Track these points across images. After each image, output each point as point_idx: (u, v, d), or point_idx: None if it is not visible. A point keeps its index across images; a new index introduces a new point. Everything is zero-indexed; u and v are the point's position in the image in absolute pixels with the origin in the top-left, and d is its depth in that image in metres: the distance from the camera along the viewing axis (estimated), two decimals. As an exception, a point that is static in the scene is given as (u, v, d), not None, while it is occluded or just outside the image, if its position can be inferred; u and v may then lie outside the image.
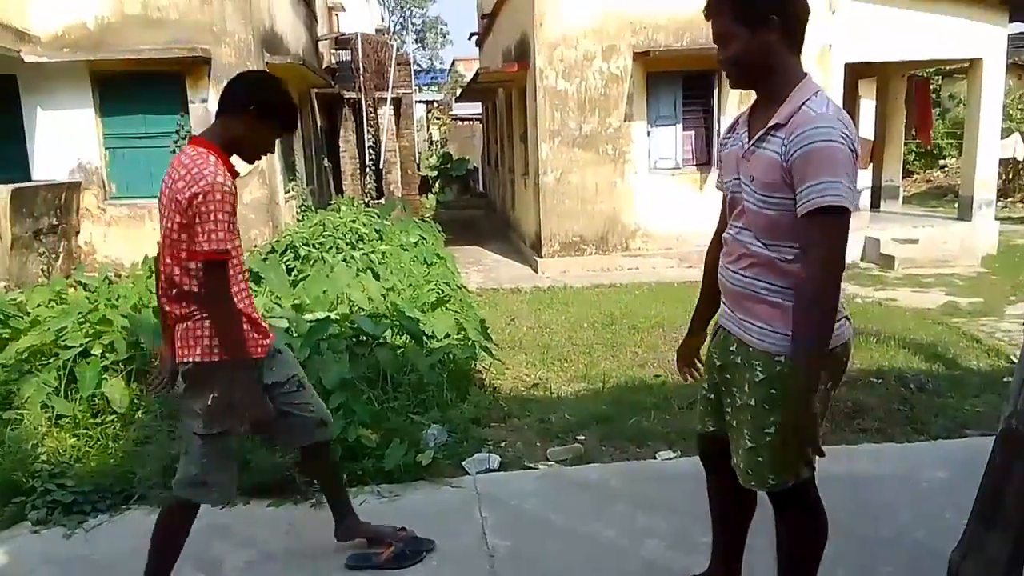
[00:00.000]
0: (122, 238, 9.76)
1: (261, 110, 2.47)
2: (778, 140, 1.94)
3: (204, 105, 9.56)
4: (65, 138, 9.53)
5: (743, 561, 2.61)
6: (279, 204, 10.34)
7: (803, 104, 1.94)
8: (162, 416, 4.02)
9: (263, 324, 2.55)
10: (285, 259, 7.59)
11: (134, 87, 9.55)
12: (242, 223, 9.59)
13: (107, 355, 4.37)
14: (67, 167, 9.66)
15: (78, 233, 9.75)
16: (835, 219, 1.86)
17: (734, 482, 2.23)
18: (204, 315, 2.37)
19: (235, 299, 2.39)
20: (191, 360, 2.38)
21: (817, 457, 2.09)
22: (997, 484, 1.88)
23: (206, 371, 2.38)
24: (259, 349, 2.49)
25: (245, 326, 2.41)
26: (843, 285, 1.91)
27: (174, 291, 2.42)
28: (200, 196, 2.26)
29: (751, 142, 2.05)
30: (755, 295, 2.06)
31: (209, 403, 2.38)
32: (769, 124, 1.98)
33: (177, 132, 9.63)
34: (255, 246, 9.23)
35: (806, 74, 2.04)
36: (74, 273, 8.11)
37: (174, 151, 9.60)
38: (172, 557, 2.61)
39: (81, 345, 4.37)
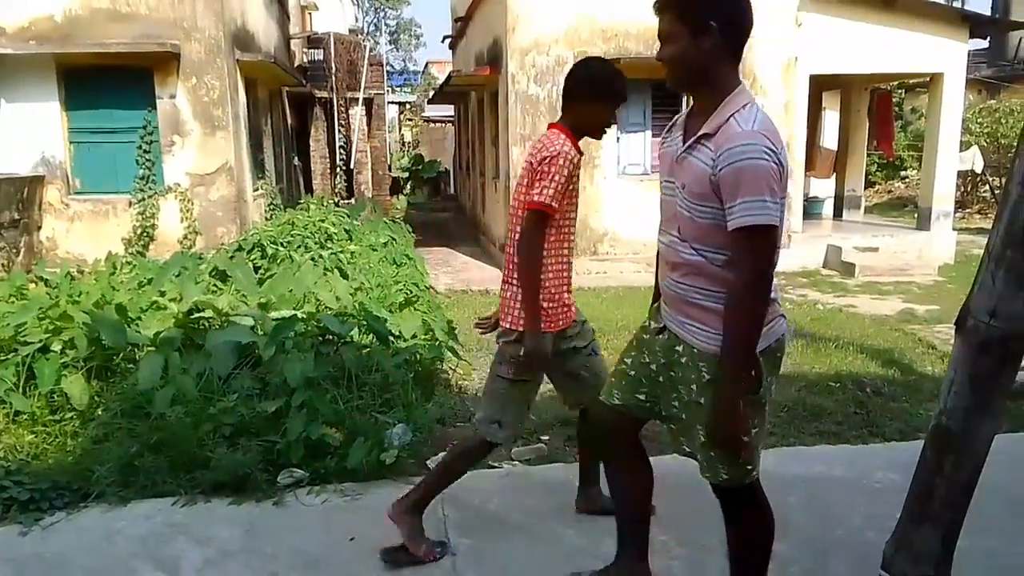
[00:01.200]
0: (86, 234, 9.61)
1: (594, 93, 2.80)
2: (708, 151, 1.99)
3: (172, 101, 9.46)
4: (29, 131, 9.37)
5: (698, 562, 2.66)
6: (247, 202, 10.26)
7: (731, 116, 1.97)
8: (121, 414, 3.98)
9: (567, 300, 2.95)
10: (252, 257, 7.54)
11: (101, 81, 9.41)
12: (209, 220, 9.52)
13: (67, 351, 4.32)
14: (30, 161, 9.50)
15: (40, 228, 9.58)
16: (761, 236, 1.94)
17: (625, 461, 2.57)
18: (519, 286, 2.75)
19: (549, 270, 2.79)
20: (504, 325, 2.85)
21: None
22: (927, 480, 1.95)
23: (514, 335, 2.81)
24: (556, 324, 2.85)
25: (547, 303, 2.77)
26: (804, 291, 1.97)
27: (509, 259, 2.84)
28: (548, 159, 2.63)
29: (684, 147, 2.11)
30: (693, 301, 2.14)
31: (512, 359, 2.81)
32: (699, 133, 2.03)
33: (144, 128, 9.52)
34: (222, 244, 9.16)
35: (740, 83, 2.05)
36: (35, 268, 7.98)
37: (140, 147, 9.51)
38: (445, 485, 3.01)
39: (40, 341, 4.32)
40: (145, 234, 9.56)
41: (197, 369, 4.17)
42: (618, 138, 10.50)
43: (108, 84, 9.44)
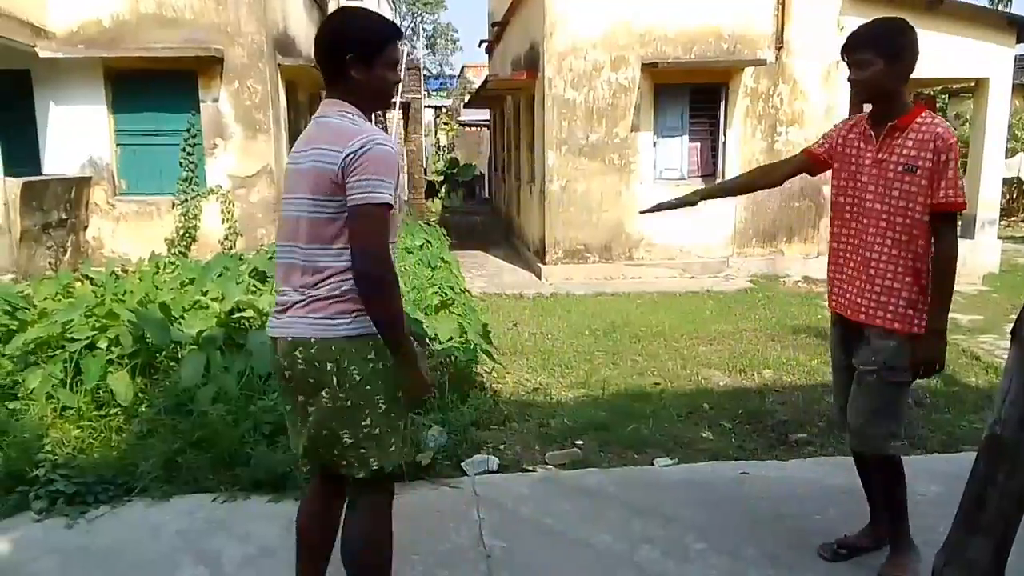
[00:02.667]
0: (130, 234, 9.82)
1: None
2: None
3: (215, 104, 9.63)
4: (77, 133, 9.61)
5: (736, 571, 2.64)
6: (286, 204, 10.41)
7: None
8: (164, 410, 4.07)
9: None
10: (291, 259, 7.62)
11: (147, 85, 9.62)
12: (249, 222, 9.68)
13: (112, 349, 4.43)
14: (78, 162, 9.74)
15: (86, 228, 9.82)
16: None
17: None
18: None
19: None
20: (893, 326, 2.61)
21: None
22: (980, 490, 1.92)
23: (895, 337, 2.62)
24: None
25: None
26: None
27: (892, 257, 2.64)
28: (952, 151, 2.49)
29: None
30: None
31: (899, 361, 2.61)
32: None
33: (188, 131, 9.71)
34: (262, 245, 9.30)
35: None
36: (81, 267, 8.18)
37: (184, 149, 9.70)
38: (907, 516, 2.80)
39: (87, 338, 4.43)
40: (187, 235, 9.75)
41: (238, 368, 4.25)
42: (655, 143, 10.45)
43: (153, 87, 9.65)
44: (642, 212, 3.21)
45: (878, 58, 2.51)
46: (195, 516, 3.30)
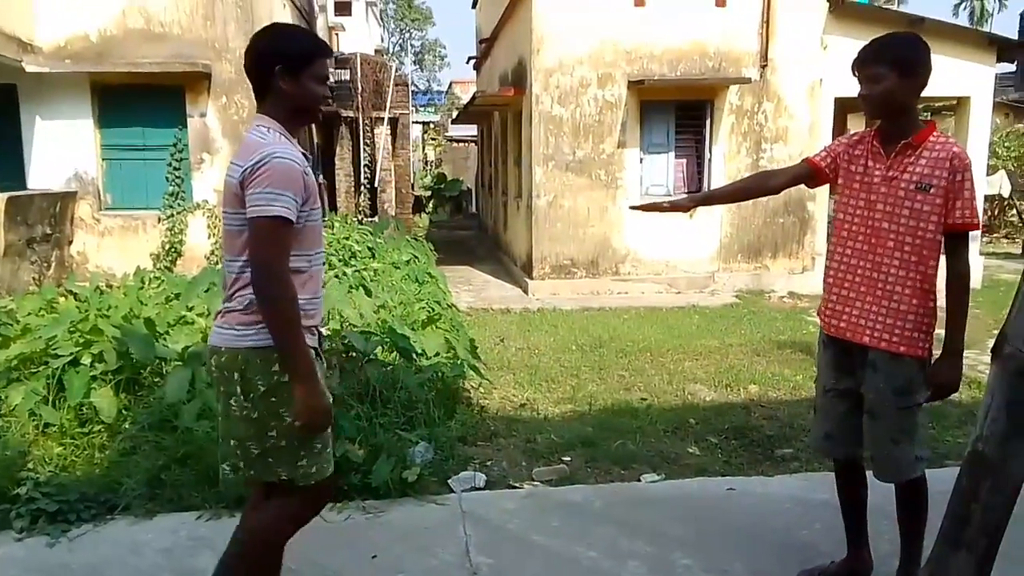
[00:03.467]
0: (115, 249, 9.77)
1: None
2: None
3: (203, 119, 9.63)
4: (62, 148, 9.57)
5: None
6: (273, 219, 10.39)
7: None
8: (148, 427, 4.03)
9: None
10: (277, 274, 7.59)
11: (134, 100, 9.61)
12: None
13: (96, 365, 4.39)
14: (63, 176, 9.69)
15: (71, 242, 9.76)
16: None
17: None
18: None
19: None
20: (899, 350, 2.55)
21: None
22: (963, 506, 1.93)
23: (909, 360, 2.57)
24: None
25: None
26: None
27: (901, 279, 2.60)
28: (969, 170, 2.49)
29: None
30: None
31: (915, 384, 2.57)
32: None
33: (174, 145, 9.69)
34: (248, 260, 9.26)
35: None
36: (65, 282, 8.12)
37: (170, 164, 9.68)
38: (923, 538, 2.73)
39: (71, 354, 4.38)
40: (173, 249, 9.71)
41: (223, 384, 4.21)
42: (641, 159, 10.52)
43: (140, 102, 9.64)
44: (632, 207, 3.18)
45: (891, 72, 2.46)
46: (179, 534, 3.27)
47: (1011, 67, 23.19)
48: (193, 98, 9.60)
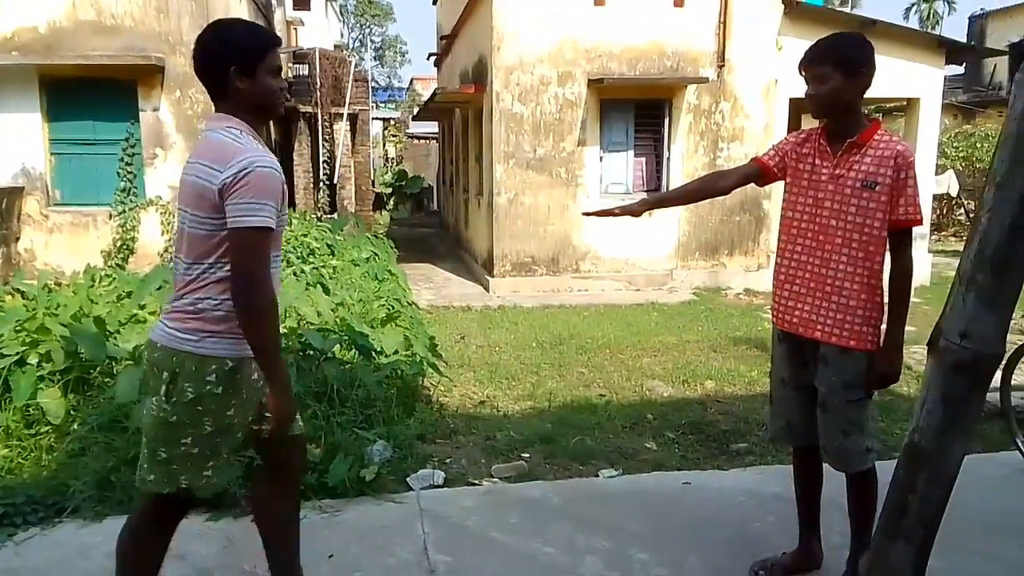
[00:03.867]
0: (65, 246, 9.52)
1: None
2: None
3: (156, 113, 9.44)
4: (9, 142, 9.30)
5: None
6: (229, 216, 10.23)
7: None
8: (98, 428, 3.94)
9: None
10: (233, 272, 7.48)
11: (84, 93, 9.38)
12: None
13: (44, 365, 4.27)
14: (10, 171, 9.42)
15: (18, 239, 9.48)
16: None
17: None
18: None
19: None
20: (849, 344, 2.61)
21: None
22: (901, 498, 1.99)
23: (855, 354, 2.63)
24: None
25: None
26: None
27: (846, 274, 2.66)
28: (912, 167, 2.56)
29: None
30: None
31: (860, 378, 2.63)
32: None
33: (126, 140, 9.48)
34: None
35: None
36: (12, 280, 7.88)
37: (122, 159, 9.46)
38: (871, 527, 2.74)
39: (17, 354, 4.26)
40: (125, 247, 9.50)
41: (176, 383, 4.13)
42: (601, 157, 10.59)
43: (91, 96, 9.40)
44: (585, 214, 3.20)
45: (836, 72, 2.51)
46: (128, 537, 3.20)
47: (960, 69, 23.91)
48: (146, 92, 9.40)
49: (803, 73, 2.63)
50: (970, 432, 2.00)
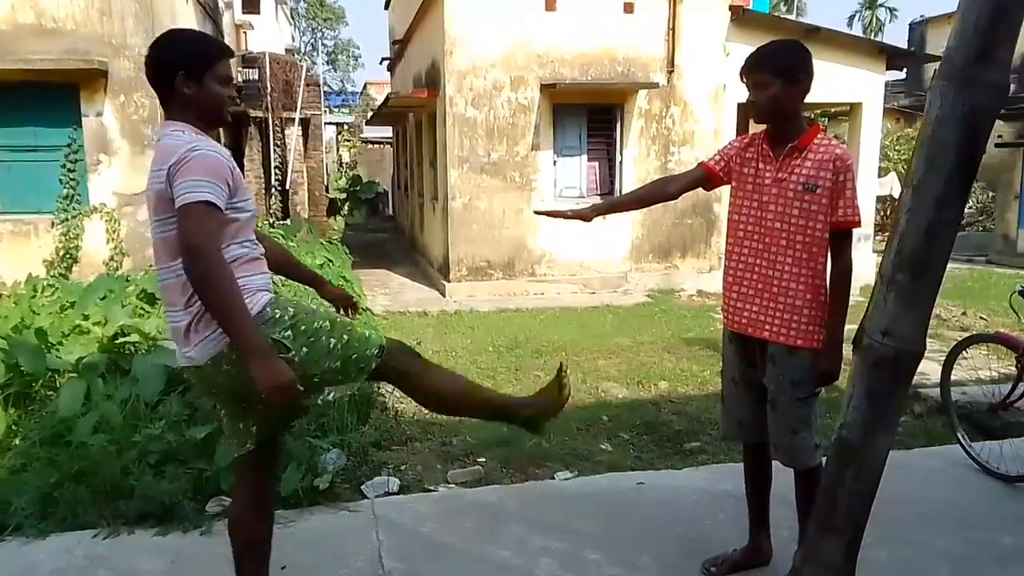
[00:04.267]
0: (5, 255, 9.20)
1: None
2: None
3: (99, 119, 9.18)
4: (-57, 148, 8.96)
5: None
6: (178, 223, 10.02)
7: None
8: (40, 443, 3.82)
9: None
10: (182, 280, 7.34)
11: (24, 98, 9.07)
12: (137, 241, 9.23)
13: (-18, 378, 4.14)
14: (-55, 179, 9.07)
15: (-46, 249, 9.14)
16: None
17: None
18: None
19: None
20: (795, 343, 2.66)
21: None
22: (831, 491, 2.05)
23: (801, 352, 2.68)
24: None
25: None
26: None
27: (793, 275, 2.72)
28: (850, 170, 2.63)
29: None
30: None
31: (806, 376, 2.67)
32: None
33: (69, 146, 9.21)
34: (151, 265, 8.90)
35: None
36: (-52, 291, 7.61)
37: (64, 165, 9.20)
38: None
39: (-47, 368, 4.13)
40: (68, 255, 9.22)
41: (122, 395, 4.05)
42: (555, 161, 10.66)
43: (31, 101, 9.10)
44: (537, 212, 3.22)
45: (775, 79, 2.58)
46: (74, 553, 3.12)
47: (901, 75, 24.62)
48: (89, 96, 9.14)
49: (744, 80, 2.70)
50: (894, 426, 2.06)
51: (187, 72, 2.16)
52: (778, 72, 2.59)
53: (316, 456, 3.82)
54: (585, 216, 2.95)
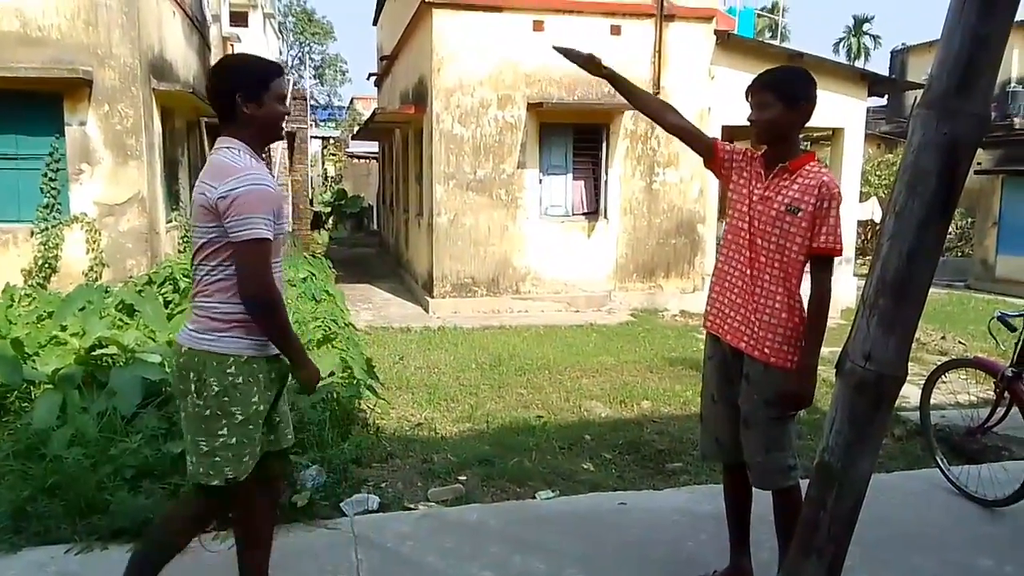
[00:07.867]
0: (-18, 264, 9.08)
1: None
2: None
3: (82, 128, 9.11)
4: (-78, 155, 8.85)
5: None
6: (160, 234, 9.92)
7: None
8: (14, 455, 3.75)
9: None
10: (163, 291, 7.29)
11: (6, 106, 8.98)
12: (117, 252, 9.16)
13: (-44, 389, 4.07)
14: (-77, 186, 8.95)
15: (-69, 257, 9.00)
16: None
17: None
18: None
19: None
20: (774, 361, 2.69)
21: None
22: (813, 514, 2.05)
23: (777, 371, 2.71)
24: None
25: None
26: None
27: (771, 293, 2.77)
28: (835, 201, 2.70)
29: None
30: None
31: (782, 395, 2.69)
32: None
33: (51, 155, 9.12)
34: (131, 277, 8.82)
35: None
36: (-77, 300, 7.48)
37: (45, 174, 9.11)
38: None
39: (-74, 378, 4.05)
40: (47, 265, 9.11)
41: (98, 408, 3.99)
42: (540, 180, 10.70)
43: (13, 109, 9.02)
44: (555, 48, 3.24)
45: (778, 101, 2.64)
46: (46, 569, 3.06)
47: (883, 101, 25.00)
48: (72, 106, 9.07)
49: (749, 98, 2.75)
50: (876, 449, 2.07)
51: (246, 93, 2.37)
52: (781, 96, 2.65)
53: (295, 473, 3.78)
54: (595, 64, 3.05)
